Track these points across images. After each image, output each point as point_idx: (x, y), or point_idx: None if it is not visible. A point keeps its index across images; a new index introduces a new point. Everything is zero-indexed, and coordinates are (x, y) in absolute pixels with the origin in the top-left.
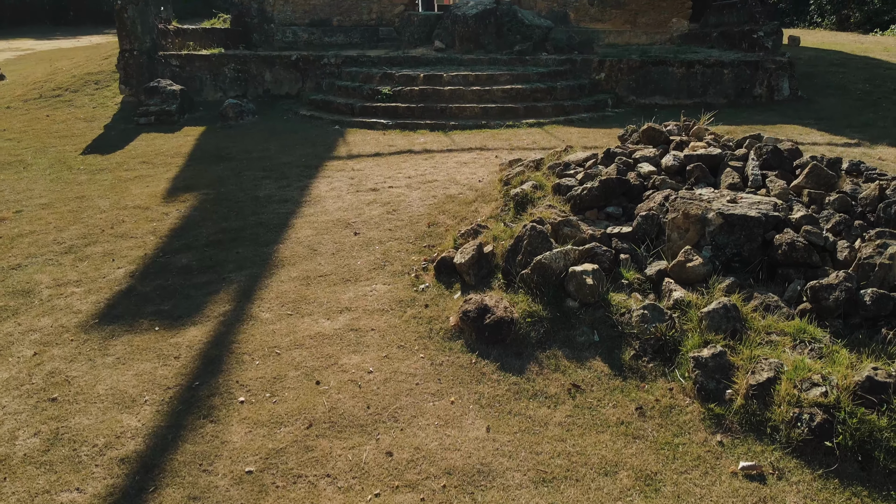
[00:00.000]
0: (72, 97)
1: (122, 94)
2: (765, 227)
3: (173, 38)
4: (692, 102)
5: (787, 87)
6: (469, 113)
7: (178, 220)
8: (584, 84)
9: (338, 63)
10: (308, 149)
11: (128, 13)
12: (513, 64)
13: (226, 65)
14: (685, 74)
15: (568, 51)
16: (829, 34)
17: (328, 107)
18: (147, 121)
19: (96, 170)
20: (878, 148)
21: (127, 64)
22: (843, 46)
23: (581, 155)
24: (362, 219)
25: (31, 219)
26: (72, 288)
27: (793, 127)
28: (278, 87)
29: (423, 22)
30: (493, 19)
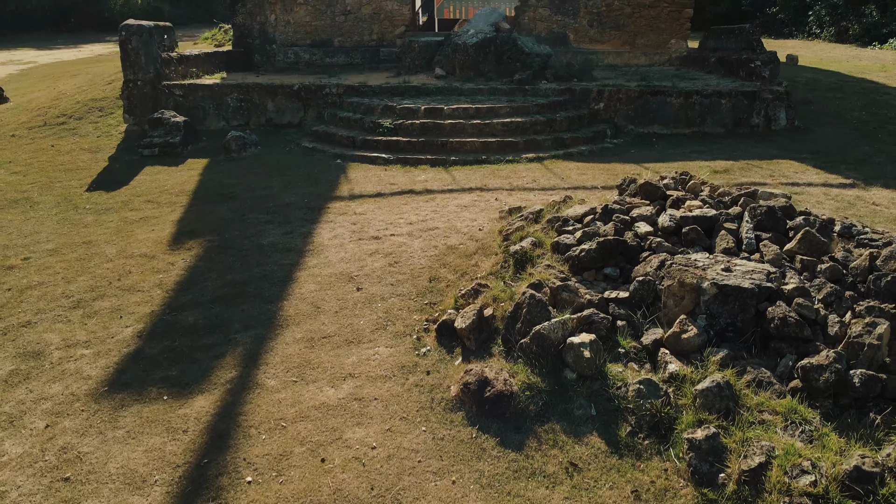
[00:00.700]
0: (76, 125)
1: (126, 123)
2: (758, 298)
3: (176, 66)
4: (690, 131)
5: (783, 117)
6: (469, 147)
7: (183, 270)
8: (583, 114)
9: (339, 93)
10: (310, 187)
11: (132, 44)
12: (513, 94)
13: (228, 94)
14: (683, 104)
15: (567, 79)
16: (828, 47)
17: (330, 139)
18: (151, 152)
19: (102, 209)
20: (872, 190)
21: (131, 94)
22: (841, 65)
23: (579, 210)
24: (364, 272)
25: (40, 267)
26: (81, 350)
27: (788, 163)
28: (280, 116)
29: (424, 48)
30: (493, 47)
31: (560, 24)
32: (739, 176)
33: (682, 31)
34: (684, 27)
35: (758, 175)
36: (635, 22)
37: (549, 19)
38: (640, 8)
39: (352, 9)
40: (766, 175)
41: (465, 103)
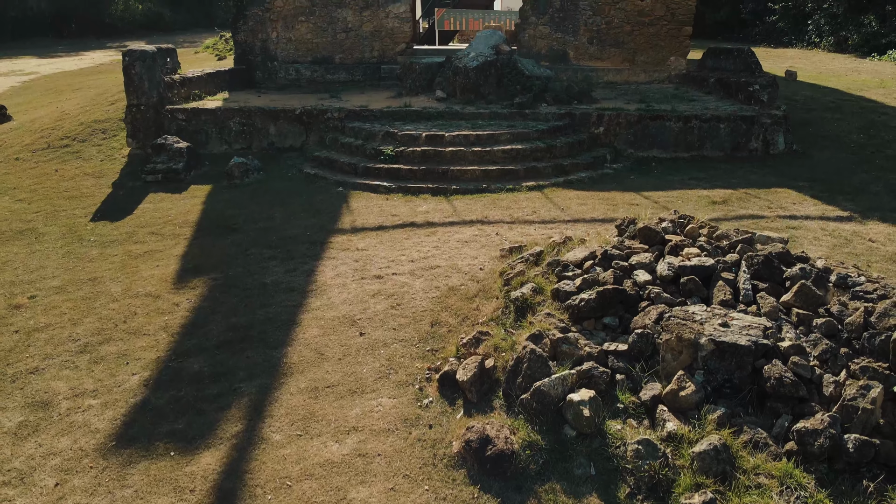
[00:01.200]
0: (80, 148)
1: (130, 147)
2: (754, 355)
3: (179, 89)
4: (689, 155)
5: (782, 142)
6: (470, 176)
7: (188, 312)
8: (582, 139)
9: (341, 117)
10: (312, 218)
11: (135, 69)
12: (513, 119)
13: (231, 119)
14: (682, 129)
15: (567, 101)
16: (828, 58)
17: (332, 165)
18: (154, 178)
19: (107, 241)
20: (869, 224)
21: (134, 118)
22: (840, 80)
23: (579, 254)
24: (367, 315)
25: (46, 307)
26: (89, 399)
27: (786, 192)
28: (282, 139)
29: (425, 70)
30: (493, 70)
31: (560, 41)
32: (738, 207)
33: (682, 48)
34: (684, 45)
35: (756, 206)
36: (635, 39)
37: (549, 37)
38: (639, 26)
39: (353, 26)
40: (764, 206)
41: (466, 129)
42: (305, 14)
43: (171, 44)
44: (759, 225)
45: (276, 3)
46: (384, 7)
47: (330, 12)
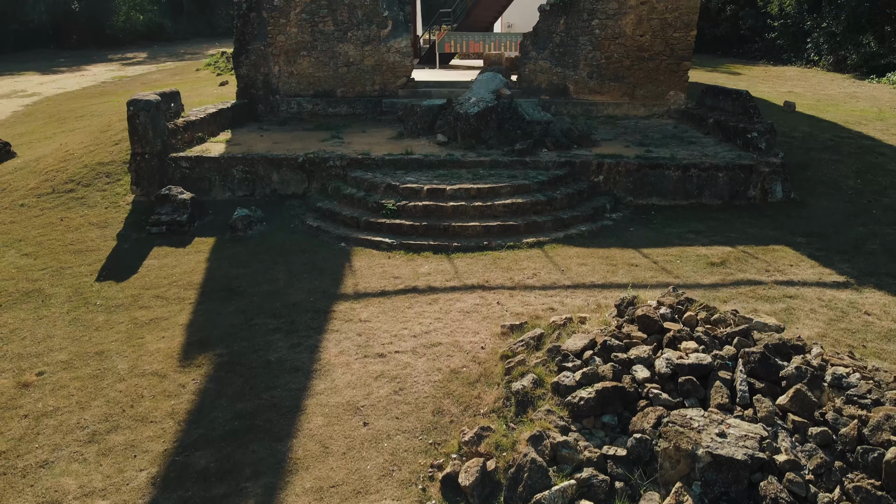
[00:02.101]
0: (84, 193)
1: (134, 195)
2: (751, 469)
3: (183, 133)
4: (688, 203)
5: (780, 190)
6: (471, 232)
7: (194, 395)
8: (582, 189)
9: (343, 165)
10: (315, 280)
11: (139, 119)
12: (513, 167)
13: (234, 166)
14: (681, 177)
15: (567, 146)
16: (826, 78)
17: (334, 218)
18: (159, 230)
19: (112, 306)
20: (865, 292)
21: (139, 166)
22: (838, 109)
23: (579, 343)
24: (370, 401)
25: (54, 386)
26: (98, 500)
27: (784, 251)
28: (285, 187)
29: (426, 112)
30: (493, 115)
31: (560, 76)
32: (736, 270)
33: (681, 83)
34: (683, 79)
35: (754, 269)
36: (634, 74)
37: (549, 71)
38: (639, 61)
39: (354, 61)
40: (762, 269)
41: (467, 182)
42: (307, 49)
43: (172, 54)
44: (757, 293)
45: (278, 38)
46: (385, 42)
47: (332, 47)
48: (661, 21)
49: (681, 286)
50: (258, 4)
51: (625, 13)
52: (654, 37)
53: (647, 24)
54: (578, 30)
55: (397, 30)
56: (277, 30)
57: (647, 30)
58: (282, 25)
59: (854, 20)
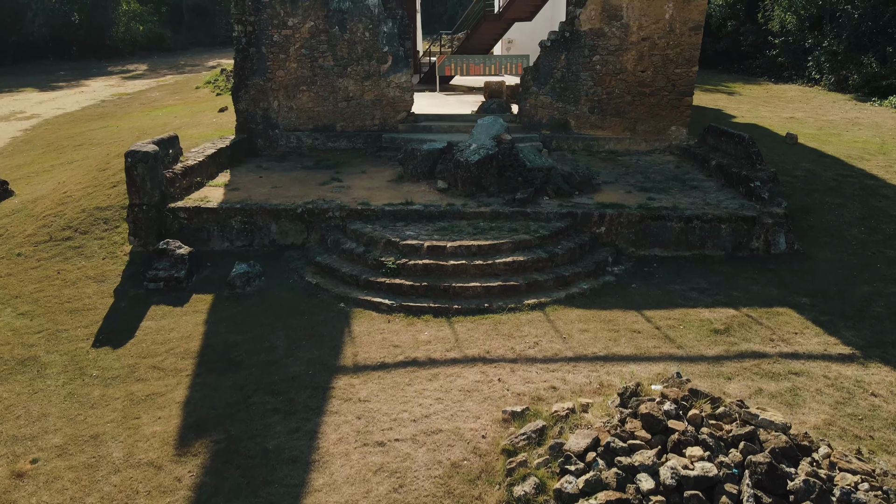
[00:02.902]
0: (82, 242)
1: (132, 245)
2: None
3: (181, 180)
4: (690, 255)
5: (783, 242)
6: (472, 293)
7: (190, 491)
8: (584, 242)
9: (343, 216)
10: (315, 349)
11: (137, 171)
12: (514, 218)
13: (232, 217)
14: (684, 228)
15: (568, 193)
16: (828, 100)
17: (333, 274)
18: (156, 286)
19: (109, 377)
20: (871, 368)
21: (136, 217)
22: (840, 139)
23: (581, 443)
24: (370, 500)
25: (49, 478)
26: None
27: (788, 315)
28: (284, 237)
29: (427, 156)
30: (494, 163)
31: (561, 110)
32: (739, 339)
33: (683, 117)
34: (684, 114)
35: (758, 338)
36: (636, 109)
37: (550, 106)
38: (640, 96)
39: (354, 95)
40: (766, 339)
41: (468, 237)
42: (307, 84)
43: (172, 66)
44: (762, 368)
45: (277, 73)
46: (385, 77)
47: (331, 82)
48: (662, 57)
49: (685, 359)
50: (257, 40)
51: (626, 49)
52: (656, 72)
53: (649, 60)
54: (579, 65)
55: (397, 65)
56: (277, 65)
57: (649, 66)
58: (281, 61)
59: (855, 39)
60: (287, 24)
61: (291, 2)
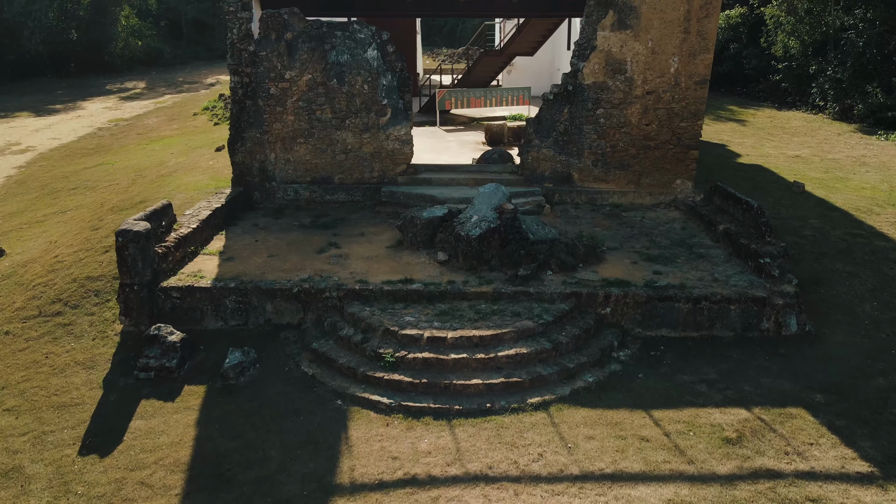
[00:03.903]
0: (72, 318)
1: (122, 325)
2: None
3: (174, 252)
4: (699, 335)
5: (794, 324)
6: (473, 390)
7: None
8: (589, 326)
9: (340, 296)
10: (310, 462)
11: (128, 251)
12: (517, 299)
13: (226, 297)
14: (692, 310)
15: (572, 266)
16: (833, 132)
17: (331, 365)
18: (147, 376)
19: (94, 496)
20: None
21: (127, 298)
22: (847, 186)
23: None
24: None
25: None
26: None
27: (802, 418)
28: (280, 316)
29: (426, 225)
30: (496, 235)
31: (564, 163)
32: (752, 452)
33: (688, 171)
34: (690, 168)
35: (772, 451)
36: (640, 162)
37: (553, 159)
38: (645, 149)
39: (352, 147)
40: (781, 451)
41: (469, 325)
42: (304, 136)
43: (170, 83)
44: (778, 493)
45: (274, 126)
46: (384, 130)
47: (329, 134)
48: (667, 111)
49: (696, 479)
50: (254, 93)
51: (630, 103)
52: (661, 126)
53: (654, 113)
54: (583, 118)
55: (396, 117)
56: (274, 118)
57: (654, 119)
58: (278, 113)
59: (860, 67)
60: (284, 77)
61: (289, 55)
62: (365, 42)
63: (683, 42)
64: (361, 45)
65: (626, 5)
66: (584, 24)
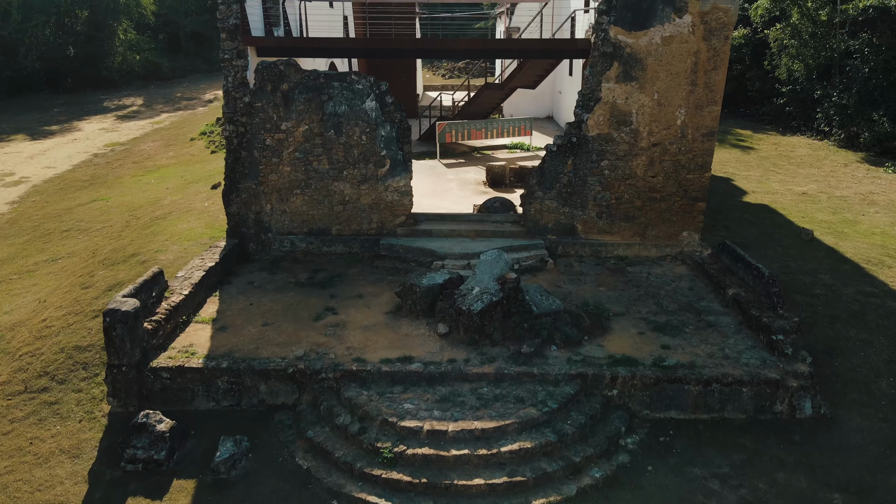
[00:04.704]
0: (59, 395)
1: (111, 406)
2: None
3: (164, 325)
4: (709, 417)
5: (808, 407)
6: (475, 491)
7: None
8: (595, 410)
9: (336, 377)
10: None
11: (116, 331)
12: (520, 381)
13: (218, 377)
14: (702, 392)
15: (577, 340)
16: (839, 163)
17: (327, 457)
18: (134, 468)
19: None
20: None
21: (115, 379)
22: (857, 231)
23: None
24: None
25: None
26: None
27: None
28: (274, 397)
29: (426, 293)
30: (499, 308)
31: (567, 215)
32: None
33: (695, 223)
34: (697, 220)
35: None
36: (646, 214)
37: (556, 211)
38: (650, 201)
39: (350, 199)
40: None
41: (470, 415)
42: (301, 187)
43: (168, 100)
44: None
45: (270, 177)
46: (383, 181)
47: (326, 185)
48: (673, 163)
49: None
50: (249, 144)
51: (636, 155)
52: (667, 178)
53: (659, 165)
54: (587, 170)
55: (396, 169)
56: (269, 168)
57: (659, 171)
58: (274, 164)
59: (866, 94)
60: (280, 128)
61: (285, 106)
62: (363, 93)
63: (690, 94)
64: (359, 95)
65: (631, 57)
66: (588, 74)
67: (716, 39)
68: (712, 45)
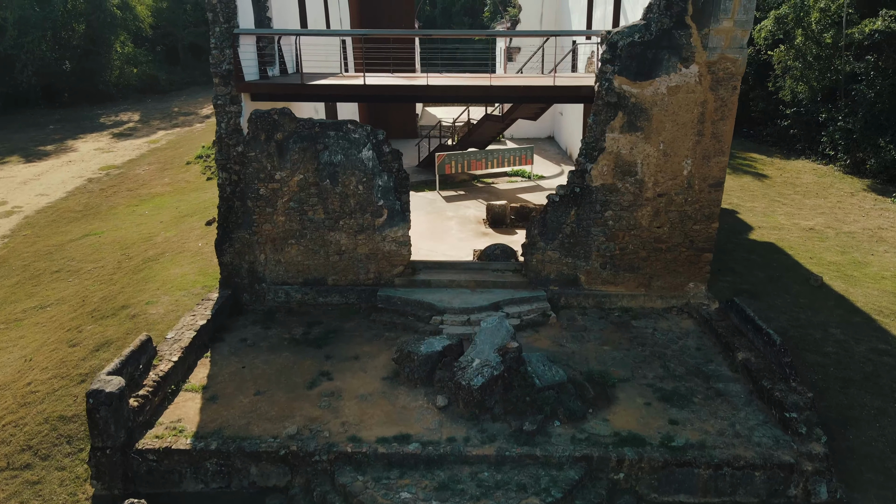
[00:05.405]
0: (42, 473)
1: (94, 489)
2: None
3: (152, 399)
4: (720, 501)
5: (824, 491)
6: None
7: None
8: (601, 497)
9: (330, 459)
10: None
11: (100, 413)
12: (522, 463)
13: (207, 459)
14: (713, 475)
15: (581, 414)
16: (846, 192)
17: None
18: None
19: None
20: None
21: (99, 462)
22: (865, 272)
23: None
24: None
25: None
26: None
27: None
28: (265, 479)
29: (425, 361)
30: (500, 381)
31: (570, 266)
32: None
33: (702, 274)
34: (703, 271)
35: None
36: (651, 265)
37: (558, 261)
38: (656, 252)
39: (347, 249)
40: None
41: None
42: (296, 237)
43: (165, 115)
44: None
45: (264, 226)
46: (381, 231)
47: (322, 235)
48: (679, 213)
49: None
50: (242, 193)
51: (641, 205)
52: (673, 228)
53: (665, 216)
54: (590, 220)
55: (393, 219)
56: (263, 218)
57: (665, 221)
58: (268, 214)
59: (872, 118)
60: (274, 177)
61: (279, 155)
62: (359, 142)
63: (697, 144)
64: (356, 144)
65: (636, 107)
66: (591, 123)
67: (723, 89)
68: (720, 96)
